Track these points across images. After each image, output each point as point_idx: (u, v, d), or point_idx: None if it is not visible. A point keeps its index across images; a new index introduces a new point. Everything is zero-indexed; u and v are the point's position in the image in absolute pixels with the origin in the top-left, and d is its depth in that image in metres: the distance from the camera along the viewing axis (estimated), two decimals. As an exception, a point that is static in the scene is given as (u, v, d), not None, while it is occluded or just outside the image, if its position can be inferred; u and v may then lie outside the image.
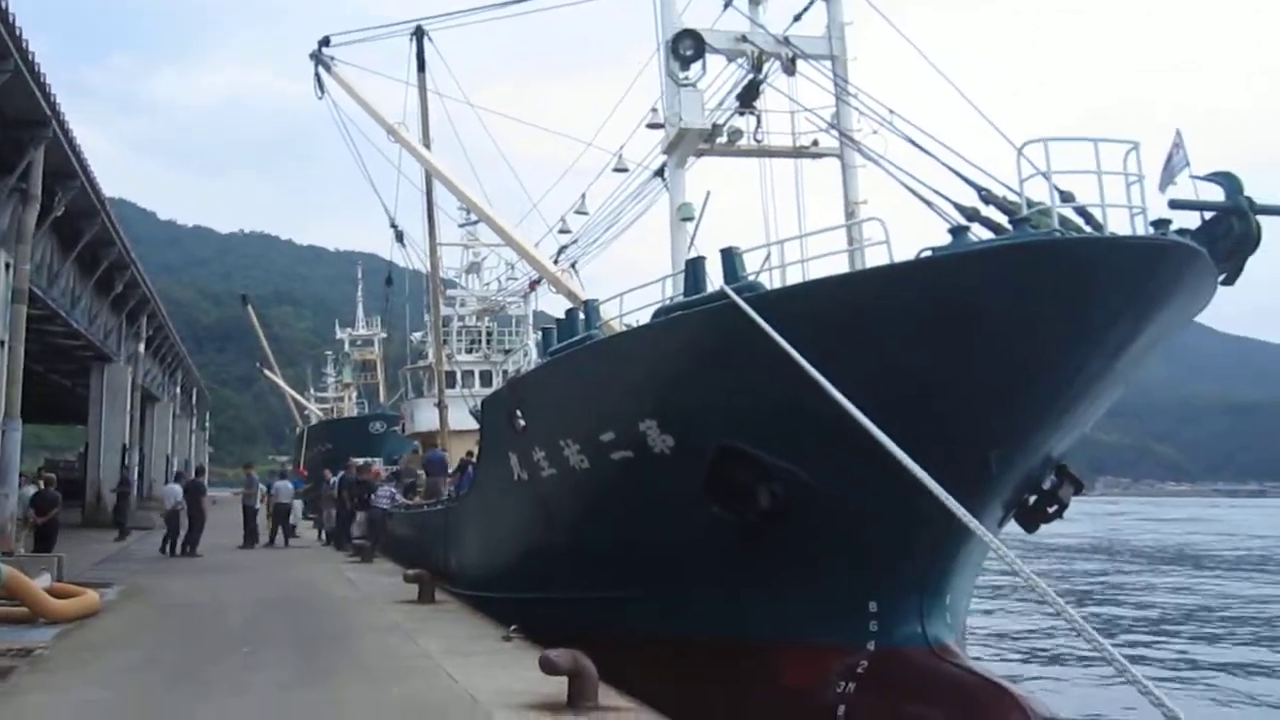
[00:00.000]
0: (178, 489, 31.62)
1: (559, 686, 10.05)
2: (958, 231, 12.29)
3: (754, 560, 13.51)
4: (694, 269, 14.10)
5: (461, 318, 48.37)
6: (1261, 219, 12.48)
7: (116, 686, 11.42)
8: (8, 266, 23.50)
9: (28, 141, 23.67)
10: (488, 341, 46.76)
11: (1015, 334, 11.46)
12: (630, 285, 15.78)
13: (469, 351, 46.56)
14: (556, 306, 20.43)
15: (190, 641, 14.62)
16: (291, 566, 26.83)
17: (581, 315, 16.77)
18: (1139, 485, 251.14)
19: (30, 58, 21.30)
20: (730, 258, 13.20)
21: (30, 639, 14.20)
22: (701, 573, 14.06)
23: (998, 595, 34.56)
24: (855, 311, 11.91)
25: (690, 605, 14.27)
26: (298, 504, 38.67)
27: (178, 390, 74.58)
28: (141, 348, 50.33)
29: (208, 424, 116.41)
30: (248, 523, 33.63)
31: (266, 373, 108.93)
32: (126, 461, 44.52)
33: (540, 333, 21.17)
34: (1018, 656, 25.17)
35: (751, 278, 13.07)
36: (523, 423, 17.16)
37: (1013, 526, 14.78)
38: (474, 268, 50.19)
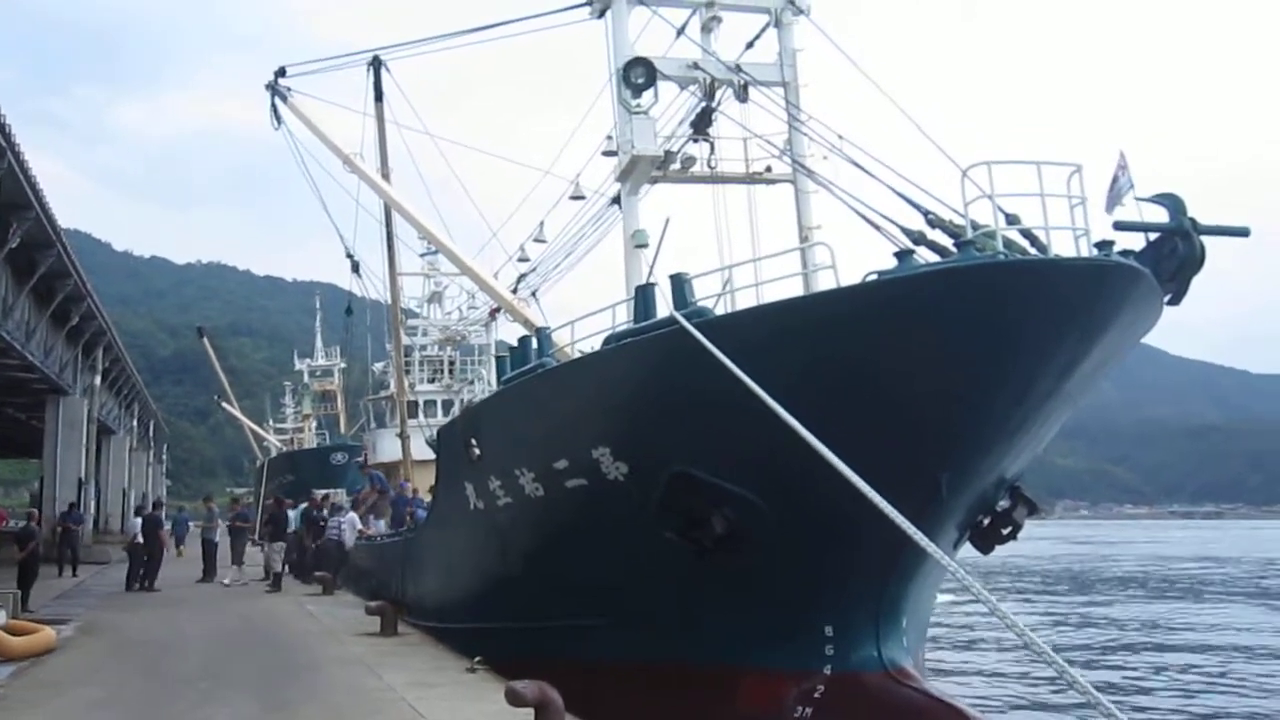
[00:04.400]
0: (136, 522, 31.31)
1: (525, 718, 9.98)
2: (903, 255, 12.38)
3: (709, 586, 13.50)
4: (643, 295, 14.14)
5: (423, 347, 48.16)
6: (1205, 239, 12.66)
7: (74, 725, 11.31)
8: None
9: (-19, 173, 23.50)
10: (450, 371, 46.58)
11: (960, 356, 11.55)
12: (593, 313, 15.82)
13: (431, 381, 46.39)
14: (518, 335, 20.51)
15: (150, 678, 14.45)
16: (252, 600, 26.61)
17: (534, 343, 16.78)
18: (1098, 509, 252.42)
19: (-16, 90, 21.17)
20: (679, 283, 13.24)
21: (-14, 677, 14.04)
22: (657, 599, 14.05)
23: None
24: (803, 335, 11.96)
25: (647, 632, 14.23)
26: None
27: (134, 423, 73.89)
28: (97, 380, 49.82)
29: (165, 457, 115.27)
30: (207, 556, 33.33)
31: (224, 405, 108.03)
32: (81, 495, 43.96)
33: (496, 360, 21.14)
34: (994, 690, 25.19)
35: (702, 304, 13.13)
36: (478, 452, 17.12)
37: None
38: (435, 297, 50.02)
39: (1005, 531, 14.47)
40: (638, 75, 17.05)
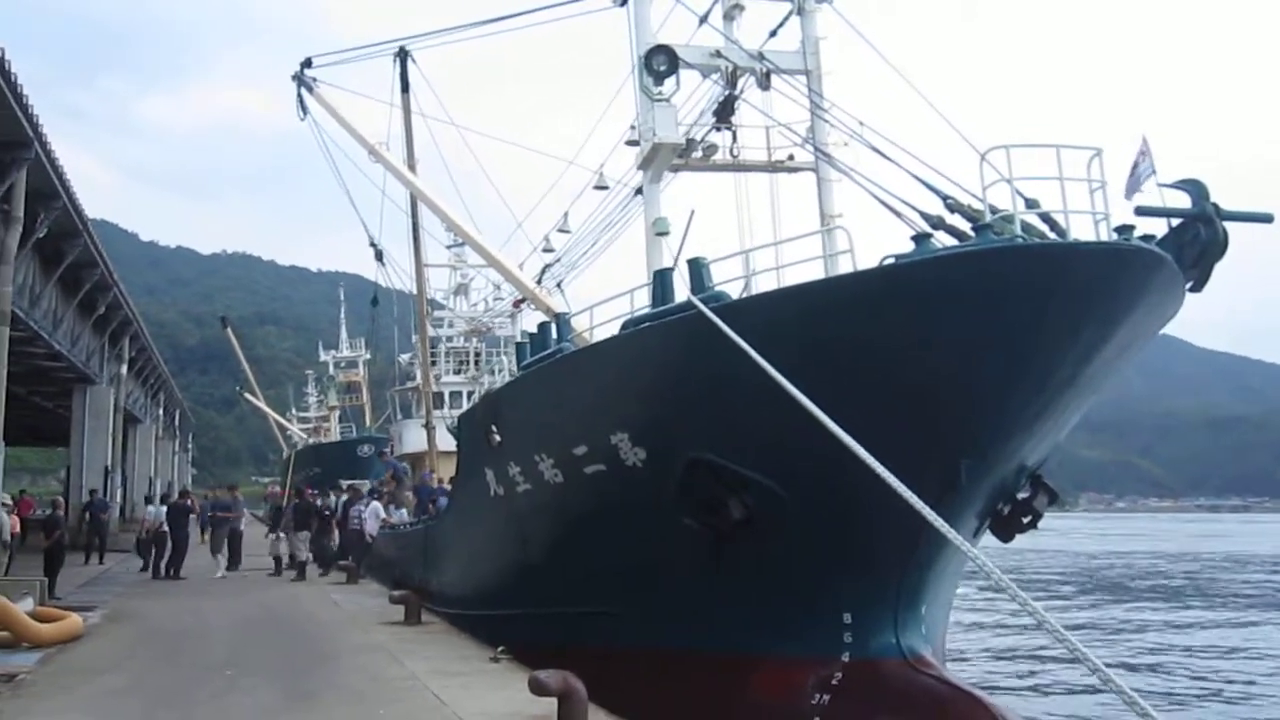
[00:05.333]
0: (162, 509, 31.46)
1: (548, 708, 9.99)
2: (920, 239, 12.36)
3: (727, 572, 13.49)
4: (661, 280, 14.14)
5: (449, 339, 48.32)
6: (1228, 225, 12.56)
7: (101, 712, 11.37)
8: (-10, 288, 23.50)
9: (9, 163, 23.64)
10: (475, 362, 46.69)
11: (979, 341, 11.52)
12: (611, 298, 15.78)
13: (456, 373, 46.52)
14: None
15: (175, 665, 14.53)
16: (276, 588, 26.78)
17: (553, 329, 16.81)
18: (1123, 501, 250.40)
19: (12, 79, 21.31)
20: (697, 268, 13.23)
21: (13, 664, 14.14)
22: (676, 585, 14.08)
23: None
24: (819, 319, 11.95)
25: (666, 618, 14.26)
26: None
27: (160, 412, 74.38)
28: (124, 369, 50.19)
29: (190, 446, 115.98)
30: (232, 545, 33.50)
31: (247, 396, 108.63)
32: (108, 483, 44.28)
33: (515, 346, 21.26)
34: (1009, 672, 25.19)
35: (721, 289, 13.13)
36: (498, 438, 17.17)
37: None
38: (461, 289, 50.18)
39: (1025, 520, 14.41)
40: (660, 63, 17.01)
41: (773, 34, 19.20)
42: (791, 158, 18.87)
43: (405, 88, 34.15)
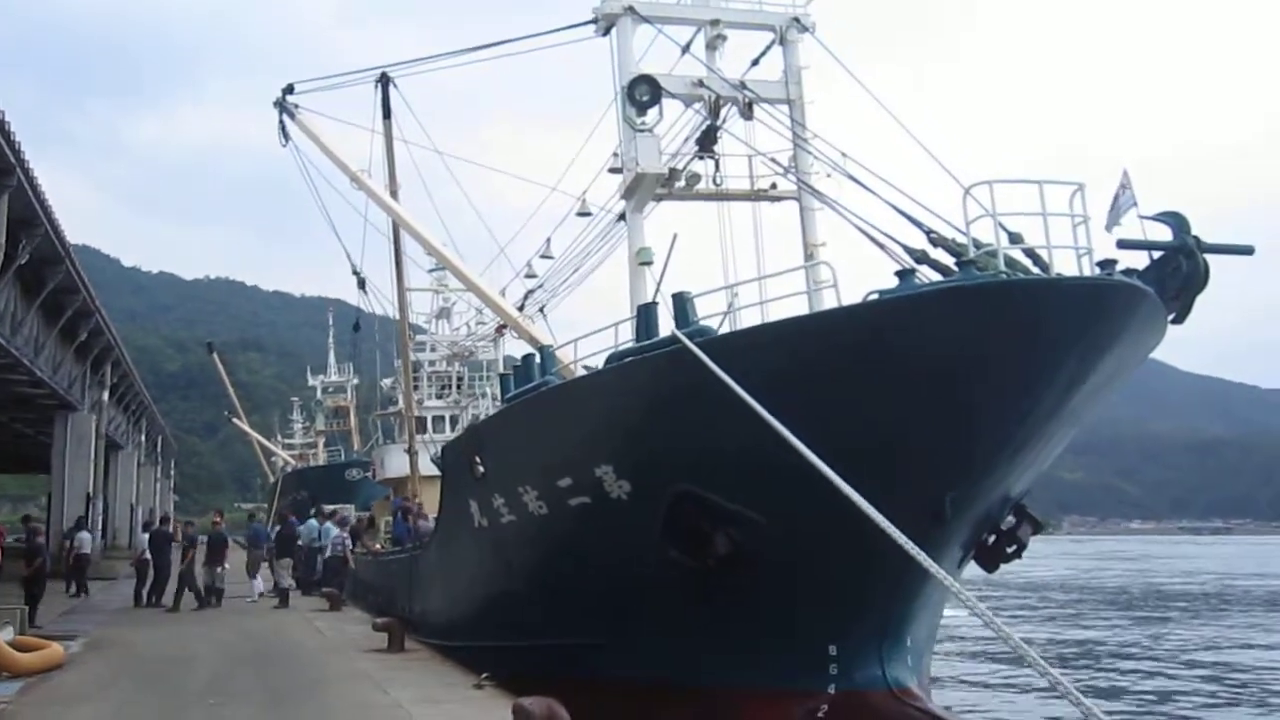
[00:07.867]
0: (143, 537, 31.23)
1: (532, 735, 9.96)
2: (904, 274, 12.39)
3: (712, 605, 13.48)
4: (645, 314, 14.13)
5: (431, 363, 48.20)
6: (1209, 258, 12.65)
7: (82, 742, 11.32)
8: (-31, 316, 23.39)
9: (-9, 189, 23.57)
10: (458, 387, 46.59)
11: (963, 376, 11.53)
12: (596, 331, 15.80)
13: (439, 397, 46.40)
14: (524, 352, 20.61)
15: (157, 694, 14.37)
16: (260, 616, 26.53)
17: (537, 361, 16.79)
18: (1105, 524, 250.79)
19: (-7, 107, 21.26)
20: (681, 302, 13.24)
21: (-7, 694, 14.03)
22: (661, 618, 14.04)
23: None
24: (804, 355, 11.95)
25: (652, 651, 14.21)
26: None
27: (142, 438, 73.86)
28: (105, 396, 49.81)
29: (173, 472, 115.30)
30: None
31: (235, 421, 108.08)
32: (89, 512, 43.92)
33: (499, 378, 21.21)
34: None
35: (705, 323, 13.13)
36: (482, 469, 17.12)
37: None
38: (443, 313, 50.09)
39: (1010, 550, 14.47)
40: (642, 93, 17.09)
41: (754, 63, 19.31)
42: (774, 186, 18.95)
43: (387, 114, 34.02)
